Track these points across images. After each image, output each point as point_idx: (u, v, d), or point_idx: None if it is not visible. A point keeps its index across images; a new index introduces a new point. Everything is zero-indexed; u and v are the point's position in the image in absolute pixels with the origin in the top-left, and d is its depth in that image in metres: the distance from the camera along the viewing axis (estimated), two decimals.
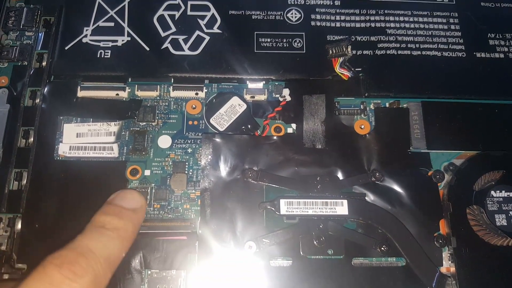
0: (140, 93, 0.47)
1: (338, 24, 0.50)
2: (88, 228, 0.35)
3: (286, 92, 0.47)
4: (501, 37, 0.50)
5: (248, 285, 0.41)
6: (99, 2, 0.50)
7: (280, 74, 0.47)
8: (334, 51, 0.46)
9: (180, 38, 0.48)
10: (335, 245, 0.42)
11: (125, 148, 0.45)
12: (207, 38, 0.49)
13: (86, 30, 0.49)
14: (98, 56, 0.47)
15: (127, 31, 0.49)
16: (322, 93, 0.47)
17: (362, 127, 0.46)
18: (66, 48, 0.48)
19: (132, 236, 0.37)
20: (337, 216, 0.42)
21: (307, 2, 0.51)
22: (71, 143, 0.45)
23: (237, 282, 0.40)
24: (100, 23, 0.49)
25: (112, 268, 0.34)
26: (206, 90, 0.47)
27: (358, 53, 0.48)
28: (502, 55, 0.49)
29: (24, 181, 0.44)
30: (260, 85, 0.48)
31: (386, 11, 0.51)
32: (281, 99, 0.47)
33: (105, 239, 0.34)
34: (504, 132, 0.46)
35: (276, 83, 0.48)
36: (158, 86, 0.47)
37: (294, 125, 0.46)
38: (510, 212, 0.43)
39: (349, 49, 0.45)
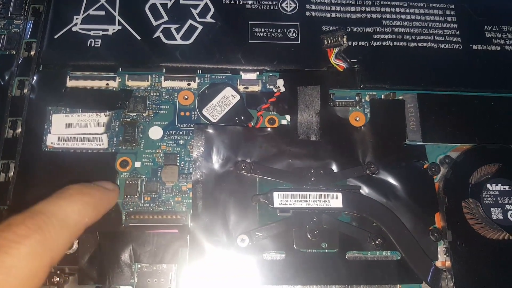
0: (130, 83, 0.46)
1: (333, 15, 0.49)
2: (52, 195, 0.33)
3: (280, 83, 0.46)
4: (497, 29, 0.50)
5: (241, 279, 0.40)
6: None
7: (275, 65, 0.47)
8: (329, 41, 0.45)
9: (172, 27, 0.47)
10: (329, 239, 0.41)
11: (115, 139, 0.44)
12: (200, 27, 0.48)
13: (76, 18, 0.47)
14: (88, 45, 0.46)
15: (118, 20, 0.48)
16: (317, 84, 0.46)
17: (357, 119, 0.45)
18: (56, 37, 0.47)
19: (98, 206, 0.35)
20: (331, 209, 0.42)
21: None
22: (60, 134, 0.44)
23: (230, 276, 0.40)
24: (91, 12, 0.48)
25: (69, 232, 0.31)
26: (198, 81, 0.46)
27: (353, 44, 0.47)
28: (498, 48, 0.49)
29: (11, 173, 0.43)
30: (254, 75, 0.47)
31: (382, 2, 0.50)
32: (275, 90, 0.46)
33: (64, 202, 0.32)
34: (500, 125, 0.46)
35: (270, 74, 0.47)
36: (149, 76, 0.46)
37: (288, 117, 0.45)
38: (506, 205, 0.42)
39: (344, 39, 0.45)
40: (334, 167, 0.43)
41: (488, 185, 0.43)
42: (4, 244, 0.27)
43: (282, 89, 0.46)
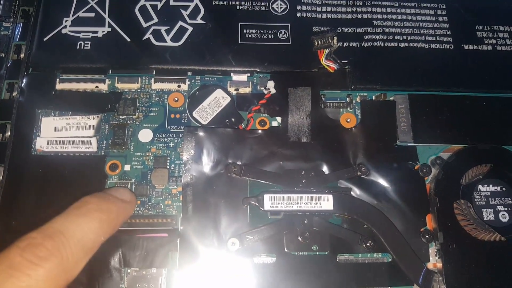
0: (120, 85, 0.45)
1: (324, 16, 0.49)
2: (67, 209, 0.33)
3: (270, 84, 0.46)
4: (489, 29, 0.50)
5: (231, 283, 0.40)
6: None
7: (265, 66, 0.46)
8: (319, 43, 0.45)
9: (162, 29, 0.47)
10: (320, 241, 0.41)
11: (105, 142, 0.44)
12: (190, 29, 0.47)
13: (66, 21, 0.47)
14: (78, 47, 0.46)
15: (108, 22, 0.47)
16: (308, 85, 0.46)
17: (348, 120, 0.45)
18: (45, 39, 0.46)
19: (114, 222, 0.34)
20: (322, 211, 0.41)
21: None
22: (49, 137, 0.43)
23: (220, 280, 0.40)
24: (80, 14, 0.48)
25: (85, 252, 0.31)
26: (189, 83, 0.46)
27: (344, 45, 0.47)
28: (490, 47, 0.49)
29: (0, 177, 0.42)
30: (244, 77, 0.47)
31: (373, 2, 0.50)
32: (265, 92, 0.46)
33: (81, 220, 0.32)
34: (492, 125, 0.46)
35: (261, 76, 0.47)
36: (139, 78, 0.46)
37: (279, 119, 0.45)
38: (498, 206, 0.42)
39: (334, 40, 0.44)
40: (325, 169, 0.43)
41: (480, 186, 0.43)
42: (24, 265, 0.27)
43: (273, 90, 0.46)
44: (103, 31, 0.47)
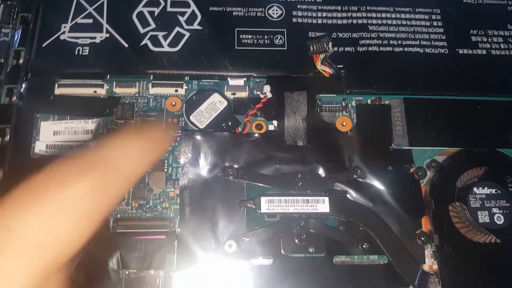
0: (118, 90, 0.46)
1: (319, 21, 0.49)
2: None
3: (267, 88, 0.46)
4: (483, 33, 0.50)
5: (229, 284, 0.40)
6: None
7: (262, 71, 0.47)
8: (315, 48, 0.46)
9: (160, 34, 0.48)
10: (316, 243, 0.41)
11: None
12: (187, 34, 0.48)
13: (64, 27, 0.48)
14: (76, 53, 0.47)
15: (106, 28, 0.48)
16: (304, 90, 0.46)
17: (344, 124, 0.46)
18: (44, 45, 0.47)
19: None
20: (319, 213, 0.42)
21: None
22: (48, 141, 0.44)
23: (217, 282, 0.40)
24: (78, 20, 0.48)
25: None
26: (186, 87, 0.47)
27: (340, 50, 0.48)
28: (484, 52, 0.49)
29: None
30: (241, 82, 0.47)
31: (368, 8, 0.50)
32: (262, 96, 0.46)
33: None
34: (487, 129, 0.46)
35: (258, 80, 0.47)
36: (137, 83, 0.46)
37: (275, 122, 0.45)
38: (493, 209, 0.42)
39: (330, 45, 0.45)
40: (321, 172, 0.44)
41: (475, 189, 0.43)
42: None
43: (269, 95, 0.46)
44: (101, 37, 0.47)
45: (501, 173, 0.44)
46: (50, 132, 0.44)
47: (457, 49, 0.49)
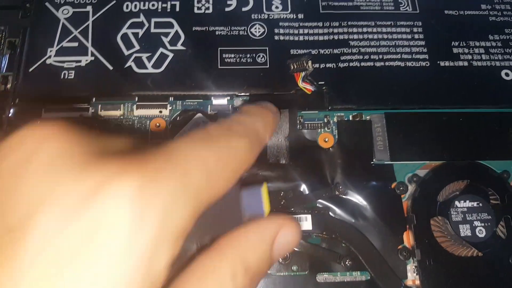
0: (103, 113, 0.47)
1: (301, 38, 0.50)
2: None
3: None
4: (465, 44, 0.50)
5: None
6: (63, 22, 0.50)
7: (244, 89, 0.48)
8: (295, 66, 0.46)
9: (144, 56, 0.48)
10: (299, 261, 0.42)
11: None
12: (171, 55, 0.49)
13: (50, 51, 0.49)
14: (62, 77, 0.47)
15: (91, 51, 0.49)
16: (286, 107, 0.47)
17: (326, 140, 0.46)
18: (30, 70, 0.48)
19: (272, 128, 0.30)
20: (301, 231, 0.42)
21: (271, 16, 0.51)
22: None
23: None
24: (64, 44, 0.49)
25: (260, 145, 0.27)
26: (170, 108, 0.47)
27: (321, 66, 0.48)
28: (466, 63, 0.49)
29: None
30: (224, 101, 0.48)
31: (349, 23, 0.51)
32: None
33: (253, 118, 0.28)
34: (469, 141, 0.47)
35: (241, 99, 0.48)
36: (122, 105, 0.47)
37: None
38: (474, 222, 0.43)
39: (309, 63, 0.45)
40: (304, 189, 0.44)
41: (456, 202, 0.43)
42: (229, 130, 0.25)
43: None
44: (86, 60, 0.48)
45: (482, 185, 0.44)
46: None
47: (438, 62, 0.49)
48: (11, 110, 0.47)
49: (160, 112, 0.47)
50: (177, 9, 0.51)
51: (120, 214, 0.18)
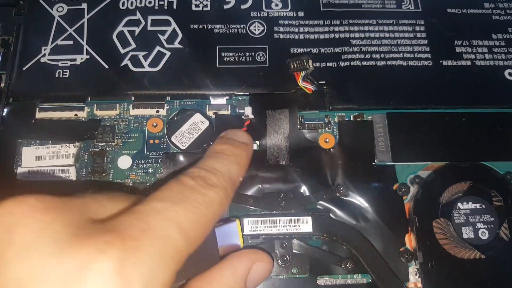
0: (99, 113, 0.46)
1: (301, 36, 0.49)
2: (207, 154, 0.35)
3: (248, 110, 0.46)
4: (468, 44, 0.50)
5: None
6: (57, 20, 0.49)
7: (243, 89, 0.47)
8: (295, 66, 0.45)
9: (140, 54, 0.47)
10: (300, 264, 0.41)
11: (84, 170, 0.44)
12: (168, 53, 0.48)
13: (45, 49, 0.48)
14: (57, 76, 0.46)
15: (86, 49, 0.48)
16: (286, 107, 0.46)
17: (327, 140, 0.45)
18: (24, 68, 0.47)
19: (245, 166, 0.36)
20: (302, 233, 0.42)
21: (270, 14, 0.50)
22: (30, 167, 0.44)
23: None
24: (59, 42, 0.48)
25: (234, 189, 0.32)
26: (167, 107, 0.46)
27: (322, 66, 0.47)
28: (469, 63, 0.49)
29: None
30: (223, 100, 0.47)
31: (350, 21, 0.50)
32: (244, 118, 0.46)
33: (226, 162, 0.33)
34: (472, 141, 0.46)
35: (240, 98, 0.47)
36: (118, 105, 0.46)
37: (257, 142, 0.45)
38: (477, 224, 0.42)
39: (310, 63, 0.45)
40: (304, 191, 0.43)
41: (459, 204, 0.43)
42: (195, 186, 0.28)
43: (251, 116, 0.46)
44: (81, 59, 0.47)
45: (485, 187, 0.43)
46: (32, 158, 0.44)
47: (441, 61, 0.49)
48: (5, 110, 0.46)
49: (157, 111, 0.46)
50: (175, 6, 0.50)
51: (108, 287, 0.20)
